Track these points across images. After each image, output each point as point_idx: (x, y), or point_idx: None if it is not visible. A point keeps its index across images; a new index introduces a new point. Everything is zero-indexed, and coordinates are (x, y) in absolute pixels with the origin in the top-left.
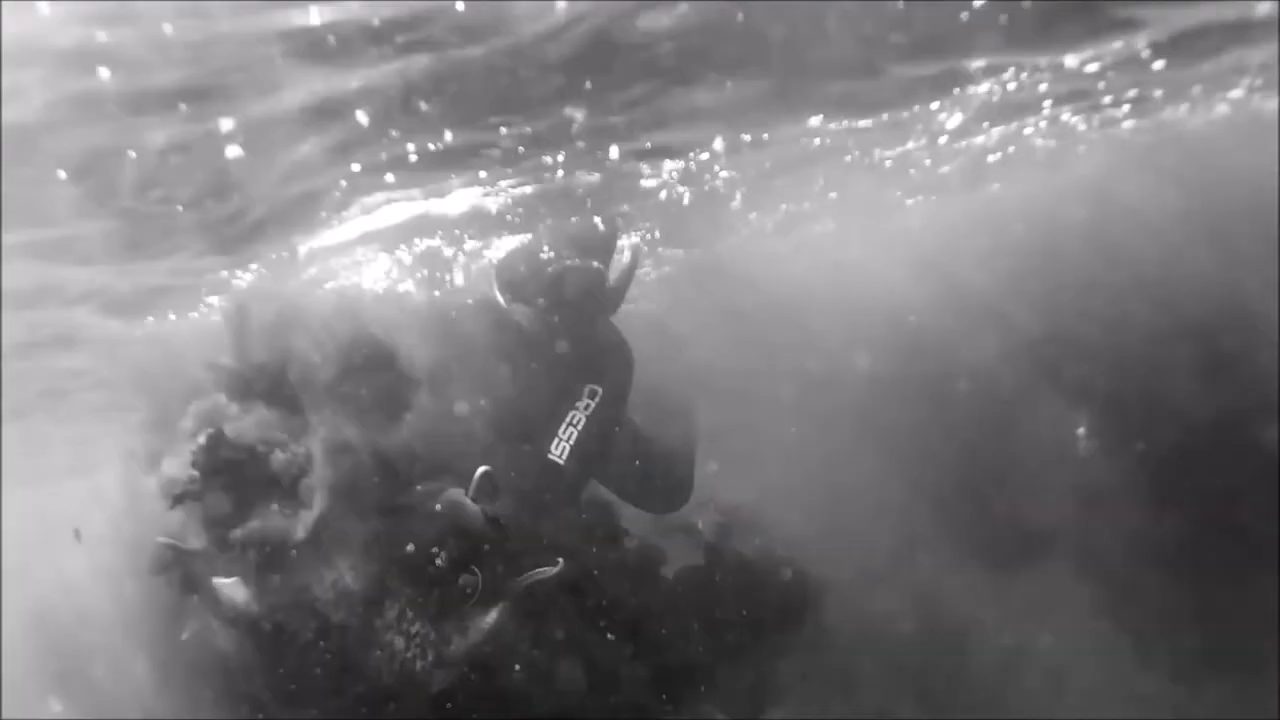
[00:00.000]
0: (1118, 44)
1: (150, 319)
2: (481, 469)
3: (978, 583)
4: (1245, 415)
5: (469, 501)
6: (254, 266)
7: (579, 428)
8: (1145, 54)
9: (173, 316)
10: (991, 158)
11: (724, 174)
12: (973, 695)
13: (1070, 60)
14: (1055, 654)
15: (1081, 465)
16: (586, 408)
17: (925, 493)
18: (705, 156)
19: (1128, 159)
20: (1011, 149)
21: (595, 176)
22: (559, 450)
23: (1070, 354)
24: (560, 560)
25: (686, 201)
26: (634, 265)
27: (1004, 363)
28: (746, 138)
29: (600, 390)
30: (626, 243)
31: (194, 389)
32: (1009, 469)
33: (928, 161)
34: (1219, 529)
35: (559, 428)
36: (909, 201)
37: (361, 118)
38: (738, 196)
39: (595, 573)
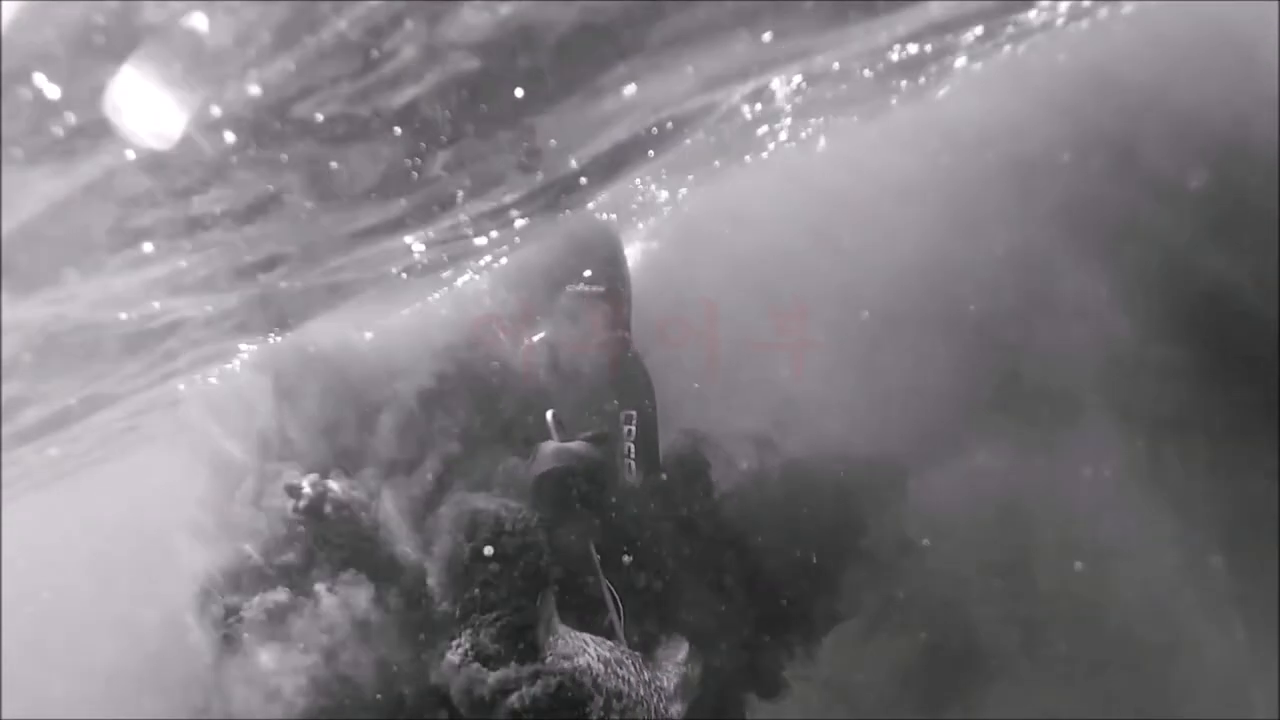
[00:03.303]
0: None
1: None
2: (549, 411)
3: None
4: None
5: (560, 443)
6: None
7: (634, 444)
8: None
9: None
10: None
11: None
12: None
13: None
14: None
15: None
16: (630, 434)
17: (963, 375)
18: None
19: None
20: None
21: None
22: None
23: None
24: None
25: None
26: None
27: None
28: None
29: (635, 414)
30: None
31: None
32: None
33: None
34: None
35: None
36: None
37: None
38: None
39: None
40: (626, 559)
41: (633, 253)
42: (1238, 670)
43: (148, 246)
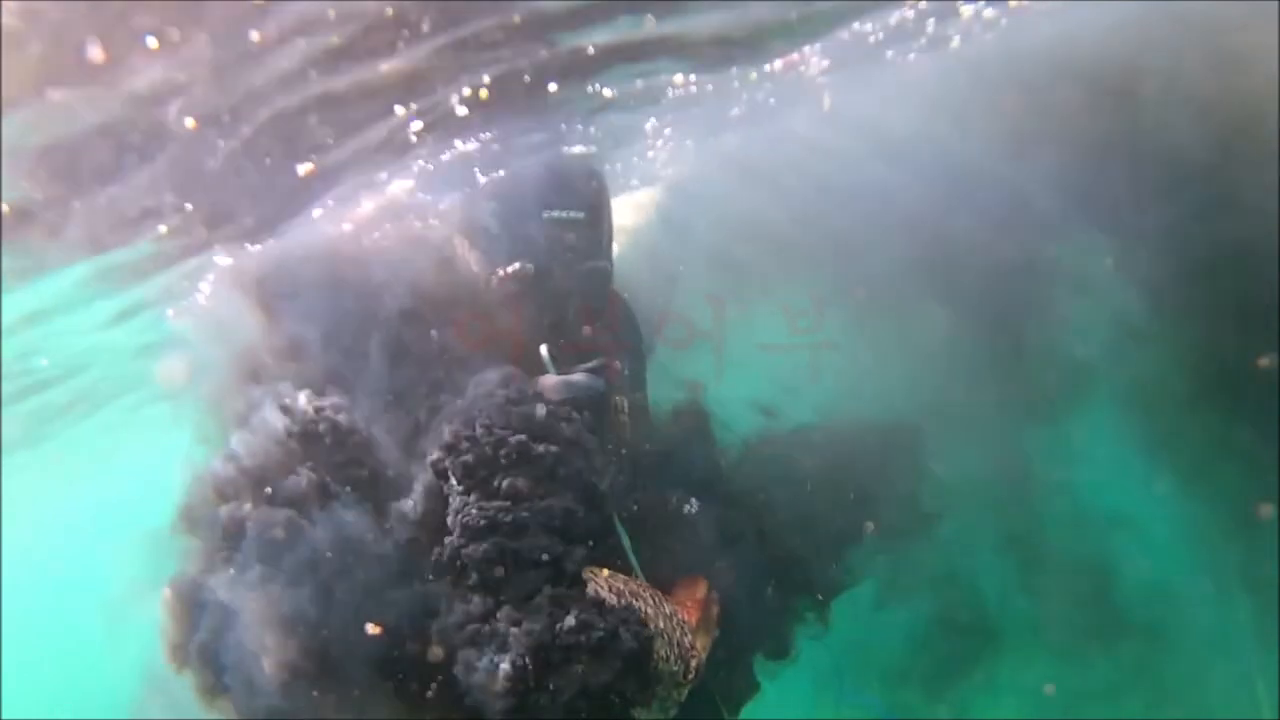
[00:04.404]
0: None
1: None
2: (543, 346)
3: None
4: None
5: (559, 376)
6: None
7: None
8: None
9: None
10: None
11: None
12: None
13: None
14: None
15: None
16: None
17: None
18: None
19: None
20: None
21: None
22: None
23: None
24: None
25: None
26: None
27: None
28: None
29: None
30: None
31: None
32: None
33: None
34: None
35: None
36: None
37: None
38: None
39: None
40: (633, 506)
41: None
42: (1241, 647)
43: None
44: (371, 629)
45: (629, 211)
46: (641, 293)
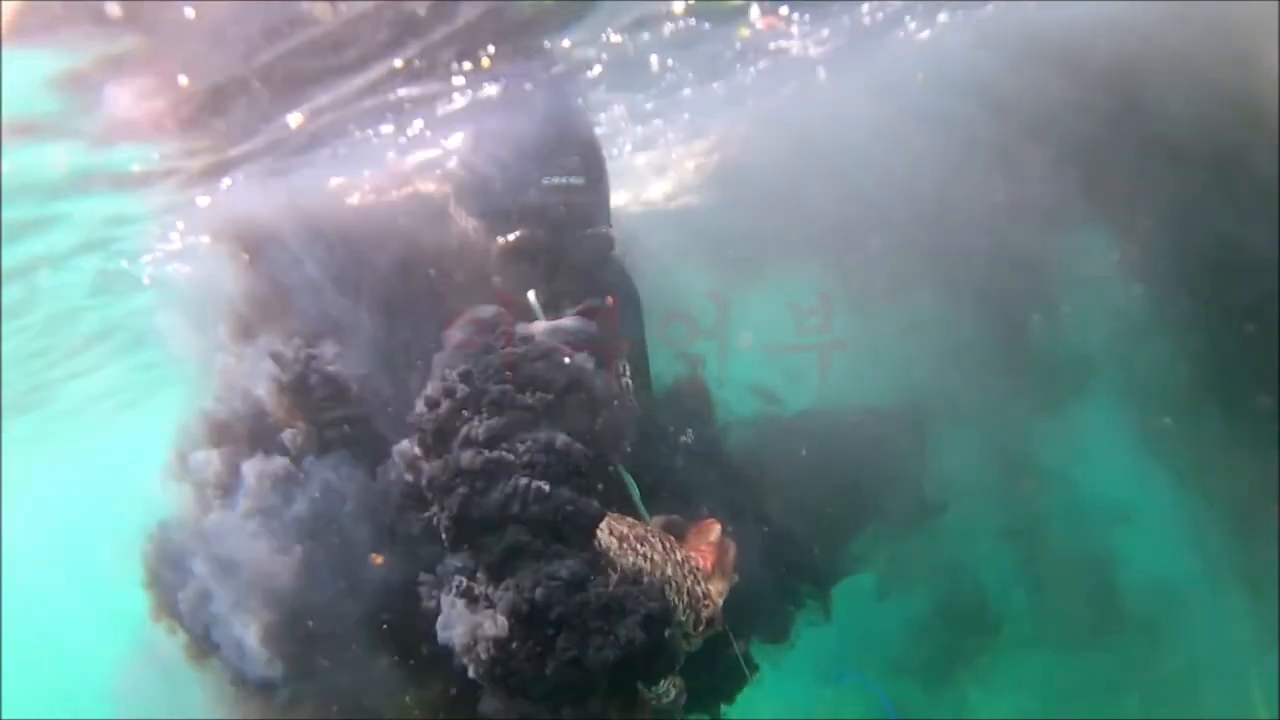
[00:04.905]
0: None
1: None
2: (530, 292)
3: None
4: None
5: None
6: None
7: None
8: None
9: None
10: None
11: None
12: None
13: None
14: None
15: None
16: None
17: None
18: None
19: None
20: None
21: None
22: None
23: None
24: None
25: None
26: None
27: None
28: None
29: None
30: None
31: None
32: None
33: None
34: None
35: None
36: None
37: None
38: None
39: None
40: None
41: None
42: (1237, 640)
43: None
44: (375, 559)
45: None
46: None
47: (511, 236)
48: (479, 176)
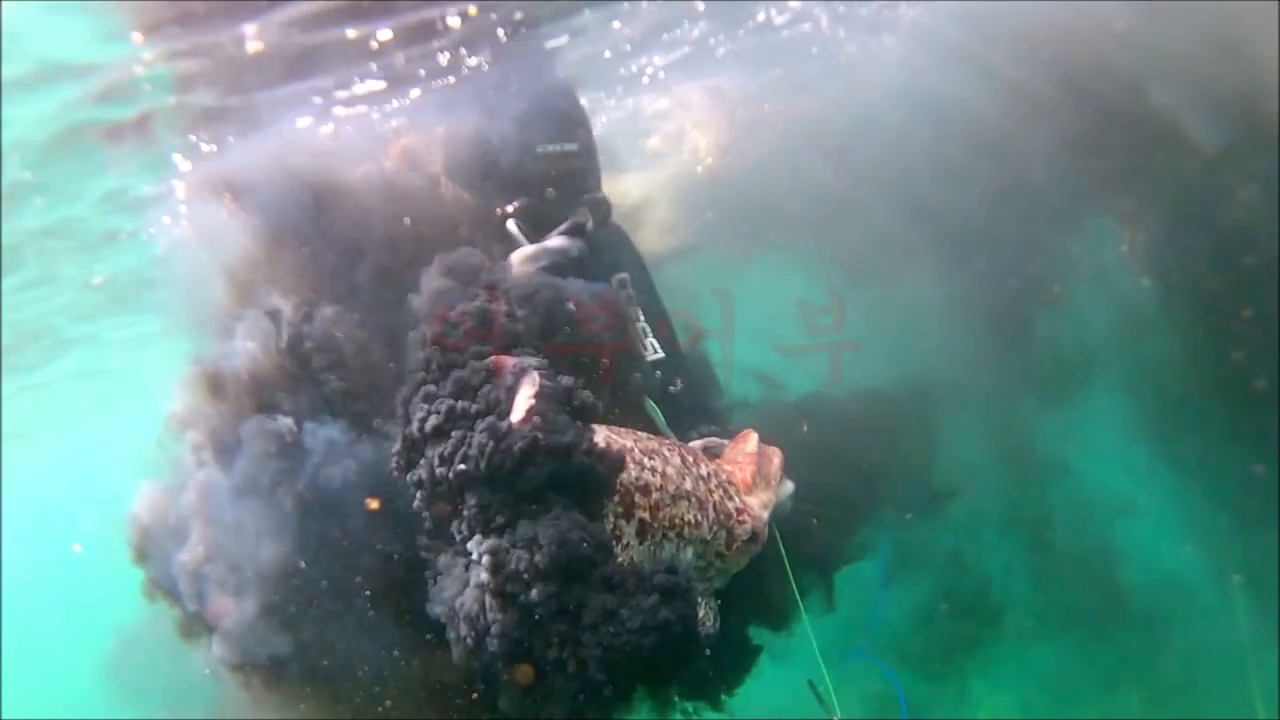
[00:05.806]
0: None
1: None
2: (509, 220)
3: None
4: None
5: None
6: None
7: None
8: None
9: None
10: None
11: None
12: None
13: None
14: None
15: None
16: (631, 299)
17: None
18: None
19: None
20: None
21: None
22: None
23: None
24: None
25: None
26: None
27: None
28: None
29: (628, 278)
30: None
31: None
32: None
33: None
34: None
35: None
36: None
37: None
38: None
39: None
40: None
41: None
42: (1238, 637)
43: None
44: (372, 503)
45: None
46: None
47: (510, 207)
48: (472, 145)
